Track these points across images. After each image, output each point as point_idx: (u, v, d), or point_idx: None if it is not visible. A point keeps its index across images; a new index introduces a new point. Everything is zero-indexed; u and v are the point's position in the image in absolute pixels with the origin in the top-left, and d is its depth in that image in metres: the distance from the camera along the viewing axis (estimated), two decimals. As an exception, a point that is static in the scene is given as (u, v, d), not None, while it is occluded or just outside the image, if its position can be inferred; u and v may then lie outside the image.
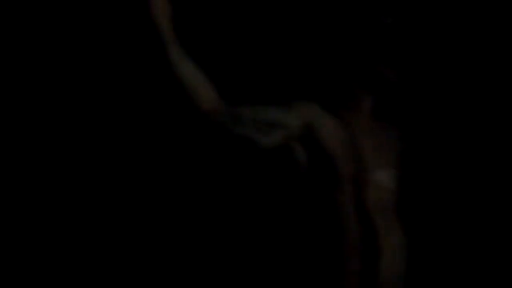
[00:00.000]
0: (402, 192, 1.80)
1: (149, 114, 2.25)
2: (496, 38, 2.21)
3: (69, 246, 2.22)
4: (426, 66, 2.20)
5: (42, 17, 2.21)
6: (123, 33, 2.17)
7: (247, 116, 1.58)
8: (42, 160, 2.23)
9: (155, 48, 1.48)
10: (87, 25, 2.20)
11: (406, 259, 1.73)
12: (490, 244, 2.20)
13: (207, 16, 2.34)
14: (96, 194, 2.23)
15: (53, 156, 2.23)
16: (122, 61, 2.21)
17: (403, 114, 2.00)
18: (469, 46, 2.24)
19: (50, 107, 2.23)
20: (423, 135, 2.06)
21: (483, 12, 2.23)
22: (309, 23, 2.25)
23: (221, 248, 2.32)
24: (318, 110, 1.70)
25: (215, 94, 1.55)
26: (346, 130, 1.72)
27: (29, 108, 2.22)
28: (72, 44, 2.22)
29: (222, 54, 2.42)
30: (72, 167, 2.23)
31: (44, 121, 2.23)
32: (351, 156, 1.69)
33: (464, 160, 2.21)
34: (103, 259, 2.23)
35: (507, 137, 2.20)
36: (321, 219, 1.68)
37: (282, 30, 2.43)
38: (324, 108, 1.72)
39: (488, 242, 2.21)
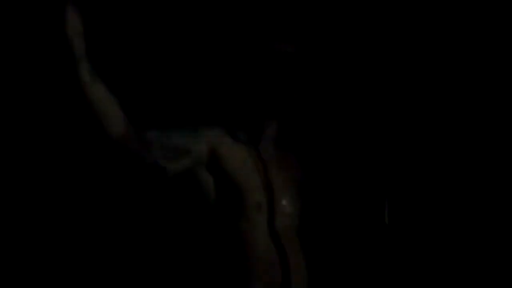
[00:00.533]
0: (304, 217, 1.86)
1: (59, 135, 2.24)
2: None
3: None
4: (323, 95, 2.27)
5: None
6: (35, 49, 2.14)
7: (155, 141, 1.59)
8: None
9: (68, 68, 1.45)
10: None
11: (307, 280, 1.79)
12: (386, 266, 2.29)
13: (120, 37, 2.34)
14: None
15: None
16: (33, 78, 2.17)
17: (303, 143, 2.07)
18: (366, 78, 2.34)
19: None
20: (320, 163, 2.12)
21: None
22: (216, 51, 2.28)
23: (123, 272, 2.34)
24: (224, 136, 1.73)
25: (125, 118, 1.53)
26: (251, 156, 1.75)
27: None
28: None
29: (133, 76, 2.43)
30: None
31: None
32: (257, 183, 1.72)
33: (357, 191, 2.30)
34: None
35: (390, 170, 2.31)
36: (227, 245, 1.71)
37: (190, 55, 2.47)
38: (231, 134, 1.76)
39: (382, 264, 2.30)
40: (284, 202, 1.78)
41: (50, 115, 2.19)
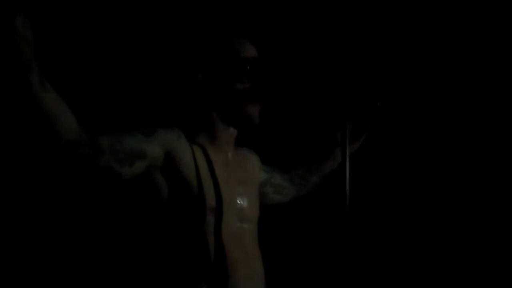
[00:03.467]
0: (263, 220, 1.86)
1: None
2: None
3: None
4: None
5: None
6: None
7: (107, 146, 1.55)
8: None
9: (17, 76, 1.42)
10: None
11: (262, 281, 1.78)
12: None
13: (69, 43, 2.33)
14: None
15: None
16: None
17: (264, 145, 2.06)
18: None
19: None
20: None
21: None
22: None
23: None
24: (180, 140, 1.71)
25: (76, 123, 1.49)
26: (207, 158, 1.74)
27: None
28: None
29: (85, 80, 2.41)
30: None
31: None
32: (211, 186, 1.70)
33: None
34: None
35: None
36: (179, 247, 1.70)
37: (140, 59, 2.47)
38: (187, 135, 1.74)
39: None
40: (239, 205, 1.77)
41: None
